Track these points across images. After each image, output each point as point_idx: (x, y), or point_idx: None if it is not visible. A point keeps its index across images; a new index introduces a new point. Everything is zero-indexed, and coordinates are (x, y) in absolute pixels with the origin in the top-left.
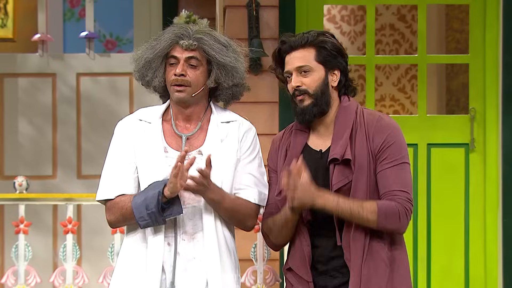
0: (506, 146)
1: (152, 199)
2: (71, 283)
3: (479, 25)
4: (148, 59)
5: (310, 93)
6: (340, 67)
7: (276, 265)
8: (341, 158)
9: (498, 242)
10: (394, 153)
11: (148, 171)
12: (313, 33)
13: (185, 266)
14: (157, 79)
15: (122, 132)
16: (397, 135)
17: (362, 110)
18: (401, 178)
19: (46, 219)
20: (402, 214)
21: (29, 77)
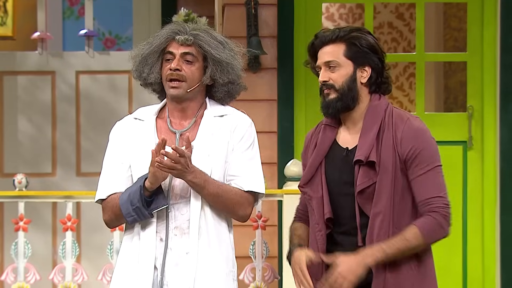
0: (504, 144)
1: (135, 193)
2: (71, 280)
3: (477, 23)
4: (144, 55)
5: (336, 88)
6: (372, 64)
7: (274, 262)
8: (365, 160)
9: (496, 240)
10: (424, 160)
11: (141, 168)
12: (346, 29)
13: (177, 261)
14: (153, 75)
15: (116, 132)
16: (425, 140)
17: (392, 110)
18: (434, 183)
19: (46, 216)
20: (443, 222)
21: (29, 75)
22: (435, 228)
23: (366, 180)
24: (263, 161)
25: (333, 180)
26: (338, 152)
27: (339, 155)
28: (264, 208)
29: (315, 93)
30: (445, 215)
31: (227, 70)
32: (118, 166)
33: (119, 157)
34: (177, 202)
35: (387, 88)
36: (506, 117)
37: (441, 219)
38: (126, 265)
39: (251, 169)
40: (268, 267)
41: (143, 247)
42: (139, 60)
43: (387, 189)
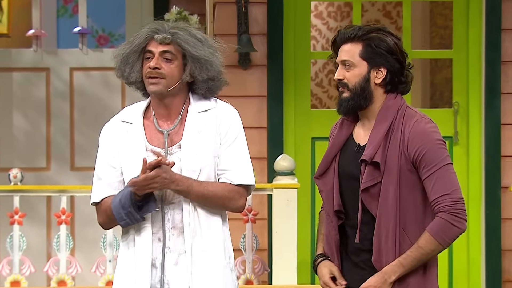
0: (488, 139)
1: (126, 199)
2: (65, 273)
3: (463, 21)
4: (125, 54)
5: (349, 87)
6: (387, 65)
7: (264, 255)
8: (370, 160)
9: (480, 233)
10: (430, 161)
11: (131, 171)
12: (366, 28)
13: (176, 260)
14: (134, 74)
15: (106, 136)
16: (430, 141)
17: (405, 110)
18: (441, 183)
19: (40, 210)
20: (453, 219)
21: (24, 72)
22: (444, 228)
23: (370, 179)
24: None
25: (344, 174)
26: (351, 147)
27: (352, 150)
28: (254, 202)
29: (304, 89)
30: (454, 212)
31: (206, 67)
32: (110, 170)
33: (110, 161)
34: (172, 202)
35: (405, 88)
36: (490, 113)
37: (449, 217)
38: (124, 267)
39: (239, 161)
40: (258, 260)
41: (139, 248)
42: (120, 60)
43: (392, 189)
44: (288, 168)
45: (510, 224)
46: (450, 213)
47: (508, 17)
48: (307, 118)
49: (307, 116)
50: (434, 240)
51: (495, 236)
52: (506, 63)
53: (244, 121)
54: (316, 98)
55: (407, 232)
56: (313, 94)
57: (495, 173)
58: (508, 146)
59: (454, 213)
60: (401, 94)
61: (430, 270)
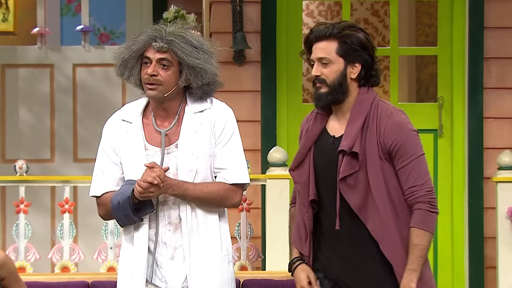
0: (471, 132)
1: (125, 203)
2: (68, 259)
3: (447, 19)
4: (124, 59)
5: (327, 83)
6: (361, 60)
7: (258, 242)
8: (349, 150)
9: (464, 221)
10: (406, 151)
11: (130, 169)
12: (339, 26)
13: (172, 254)
14: (133, 77)
15: (108, 133)
16: (406, 133)
17: (378, 103)
18: (416, 172)
19: (45, 199)
20: (430, 207)
21: (29, 68)
22: (426, 217)
23: (348, 169)
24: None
25: (319, 165)
26: (326, 139)
27: (327, 142)
28: (248, 192)
29: (296, 84)
30: (429, 201)
31: (201, 75)
32: (112, 167)
33: (113, 157)
34: (169, 199)
35: (375, 81)
36: (474, 107)
37: (426, 206)
38: (125, 261)
39: (234, 160)
40: (252, 247)
41: (137, 243)
42: (120, 63)
43: (370, 177)
44: (281, 159)
45: (492, 213)
46: (425, 202)
47: (490, 16)
48: (299, 112)
49: (299, 110)
50: (424, 232)
51: (478, 225)
52: (489, 60)
53: (238, 115)
54: (308, 93)
55: (399, 214)
56: (305, 89)
57: (478, 165)
58: (490, 138)
59: (429, 202)
60: (372, 87)
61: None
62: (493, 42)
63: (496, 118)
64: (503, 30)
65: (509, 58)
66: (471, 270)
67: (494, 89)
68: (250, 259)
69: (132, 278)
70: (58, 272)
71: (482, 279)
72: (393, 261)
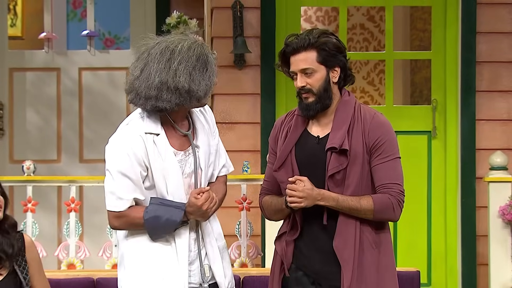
0: (464, 133)
1: (170, 228)
2: (74, 257)
3: (440, 25)
4: (212, 86)
5: (314, 92)
6: (340, 64)
7: (258, 240)
8: (339, 147)
9: (457, 220)
10: (387, 150)
11: (162, 177)
12: (314, 35)
13: (206, 240)
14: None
15: (130, 147)
16: (390, 133)
17: (359, 106)
18: (394, 171)
19: (52, 199)
20: (396, 205)
21: (36, 72)
22: (387, 207)
23: (337, 166)
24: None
25: (303, 164)
26: (309, 140)
27: (311, 142)
28: (248, 192)
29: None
30: (399, 201)
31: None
32: (138, 179)
33: (140, 171)
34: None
35: (350, 80)
36: (466, 110)
37: (395, 202)
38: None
39: (225, 153)
40: (252, 245)
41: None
42: (206, 91)
43: (356, 175)
44: None
45: (484, 212)
46: (397, 199)
47: (482, 20)
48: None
49: None
50: (372, 208)
51: (470, 223)
52: (481, 63)
53: (239, 117)
54: None
55: None
56: None
57: (471, 165)
58: (482, 140)
59: (399, 201)
60: (349, 84)
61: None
62: (485, 46)
63: (488, 120)
64: (494, 34)
65: (501, 62)
66: (463, 267)
67: (486, 92)
68: (250, 257)
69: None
70: (65, 269)
71: (475, 275)
72: (341, 258)
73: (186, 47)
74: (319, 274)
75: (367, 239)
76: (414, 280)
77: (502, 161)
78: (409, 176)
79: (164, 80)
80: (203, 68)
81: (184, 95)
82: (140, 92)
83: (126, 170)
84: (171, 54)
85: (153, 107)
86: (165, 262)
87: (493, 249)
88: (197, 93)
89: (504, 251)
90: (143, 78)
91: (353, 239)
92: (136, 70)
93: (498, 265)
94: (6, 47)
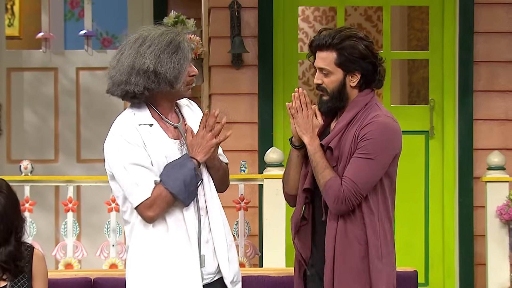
0: (461, 133)
1: (192, 178)
2: (71, 256)
3: (438, 24)
4: (185, 70)
5: (328, 92)
6: (360, 70)
7: (255, 240)
8: (326, 145)
9: (454, 219)
10: (365, 147)
11: (162, 165)
12: (339, 36)
13: (207, 237)
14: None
15: (130, 137)
16: (379, 134)
17: (372, 105)
18: (358, 170)
19: (49, 199)
20: (340, 198)
21: (34, 71)
22: (331, 194)
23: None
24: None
25: None
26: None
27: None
28: (246, 191)
29: (292, 87)
30: (345, 197)
31: None
32: (149, 167)
33: (146, 159)
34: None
35: (377, 85)
36: (464, 109)
37: (340, 195)
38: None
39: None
40: (250, 245)
41: (189, 226)
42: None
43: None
44: (278, 160)
45: (481, 212)
46: (344, 195)
47: (480, 20)
48: None
49: None
50: (324, 185)
51: (468, 223)
52: (478, 63)
53: (236, 117)
54: None
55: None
56: None
57: (468, 165)
58: (480, 139)
59: (345, 198)
60: (376, 88)
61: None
62: (483, 46)
63: (486, 119)
64: (492, 34)
65: (498, 62)
66: (461, 267)
67: (484, 91)
68: (247, 256)
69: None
70: (62, 268)
71: (472, 275)
72: (326, 255)
73: (158, 33)
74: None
75: (352, 233)
76: (412, 280)
77: (499, 161)
78: (406, 176)
79: (131, 63)
80: (172, 52)
81: (152, 77)
82: (114, 80)
83: (135, 159)
84: (143, 40)
85: (123, 92)
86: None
87: (491, 249)
88: (165, 75)
89: (502, 251)
90: (118, 66)
91: (334, 234)
92: (113, 60)
93: (495, 265)
94: (3, 47)
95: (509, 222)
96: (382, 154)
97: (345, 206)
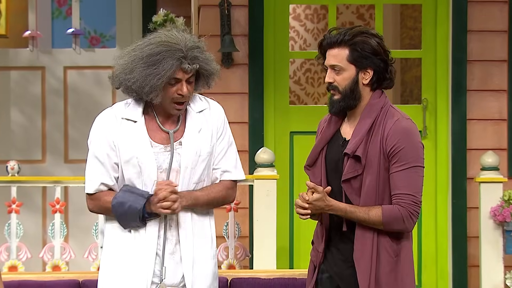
0: (455, 133)
1: (134, 216)
2: (59, 258)
3: (431, 23)
4: (155, 85)
5: (340, 90)
6: (373, 66)
7: (246, 241)
8: (352, 153)
9: (448, 221)
10: (404, 157)
11: (132, 169)
12: (351, 32)
13: (172, 249)
14: (158, 98)
15: (104, 130)
16: (410, 139)
17: (388, 108)
18: (408, 181)
19: (36, 200)
20: (406, 217)
21: (21, 70)
22: (396, 219)
23: (351, 171)
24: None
25: (330, 166)
26: (337, 141)
27: (338, 144)
28: (236, 192)
29: (282, 86)
30: (411, 212)
31: (212, 73)
32: (108, 164)
33: (110, 155)
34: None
35: (389, 84)
36: (457, 109)
37: (405, 214)
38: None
39: (235, 158)
40: (240, 246)
41: (147, 239)
42: (148, 89)
43: (372, 182)
44: (268, 160)
45: (475, 213)
46: (408, 211)
47: (473, 19)
48: (285, 114)
49: (286, 111)
50: (380, 220)
51: (461, 224)
52: (472, 62)
53: (227, 117)
54: (294, 95)
55: None
56: (291, 91)
57: (462, 165)
58: (473, 139)
59: (410, 213)
60: (386, 89)
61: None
62: (476, 45)
63: (479, 119)
64: (486, 33)
65: (492, 61)
66: (454, 269)
67: (477, 91)
68: (238, 258)
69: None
70: (50, 271)
71: (466, 277)
72: (358, 269)
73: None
74: (340, 276)
75: (384, 249)
76: None
77: (493, 161)
78: None
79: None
80: (148, 64)
81: (122, 79)
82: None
83: (97, 153)
84: (141, 42)
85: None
86: (132, 254)
87: (485, 250)
88: (126, 83)
89: (496, 252)
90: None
91: (370, 249)
92: None
93: (489, 267)
94: None
95: (503, 224)
96: (418, 157)
97: (415, 218)
